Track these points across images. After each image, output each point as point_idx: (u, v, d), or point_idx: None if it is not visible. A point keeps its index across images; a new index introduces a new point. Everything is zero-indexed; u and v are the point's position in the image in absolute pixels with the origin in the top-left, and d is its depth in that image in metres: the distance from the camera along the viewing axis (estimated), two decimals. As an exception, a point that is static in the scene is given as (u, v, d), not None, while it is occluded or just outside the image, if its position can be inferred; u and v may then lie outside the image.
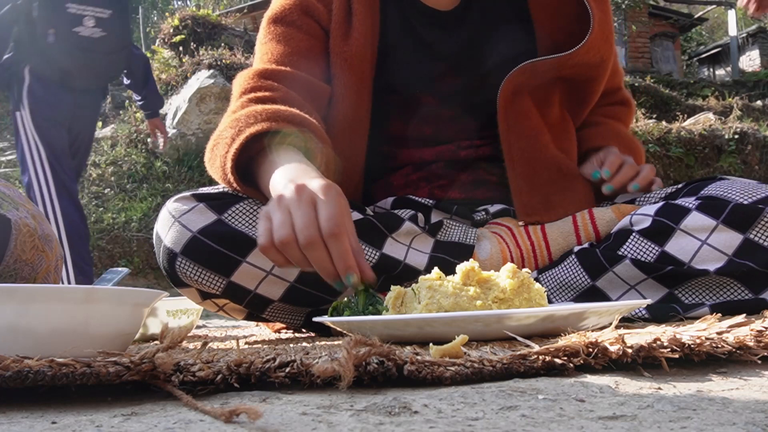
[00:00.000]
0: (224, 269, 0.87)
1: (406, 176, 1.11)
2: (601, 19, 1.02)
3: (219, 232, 0.86)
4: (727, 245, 0.84)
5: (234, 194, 0.91)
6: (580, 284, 0.93)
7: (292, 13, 1.06)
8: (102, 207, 4.82)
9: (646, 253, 0.89)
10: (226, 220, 0.87)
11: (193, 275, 0.87)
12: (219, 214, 0.88)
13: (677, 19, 12.05)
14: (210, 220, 0.87)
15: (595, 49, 1.02)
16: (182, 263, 0.87)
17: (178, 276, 0.88)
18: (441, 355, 0.51)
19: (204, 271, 0.87)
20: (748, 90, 9.40)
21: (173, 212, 0.88)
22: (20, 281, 0.99)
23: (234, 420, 0.37)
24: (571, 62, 1.02)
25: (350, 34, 1.04)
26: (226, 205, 0.88)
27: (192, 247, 0.86)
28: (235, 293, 0.89)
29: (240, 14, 8.10)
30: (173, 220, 0.88)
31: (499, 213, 1.05)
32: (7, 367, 0.43)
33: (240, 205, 0.89)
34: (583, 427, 0.35)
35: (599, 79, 1.09)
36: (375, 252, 0.92)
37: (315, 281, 0.90)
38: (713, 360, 0.51)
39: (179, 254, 0.86)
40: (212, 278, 0.87)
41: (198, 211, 0.88)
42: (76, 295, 0.56)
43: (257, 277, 0.88)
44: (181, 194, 0.91)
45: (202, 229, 0.86)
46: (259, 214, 0.88)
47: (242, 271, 0.87)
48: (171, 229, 0.87)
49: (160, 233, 0.89)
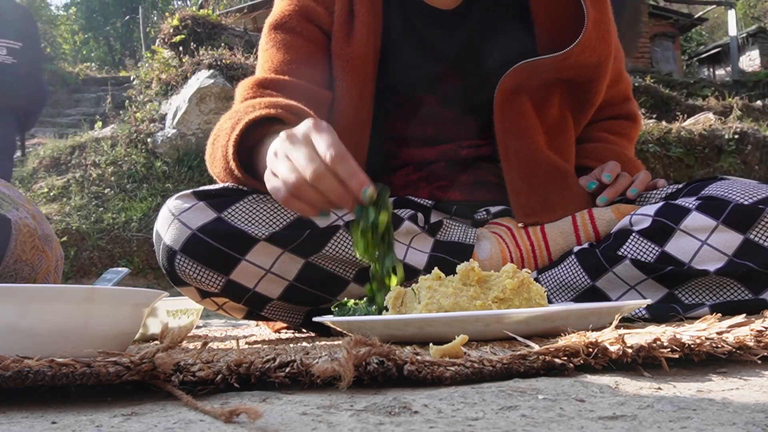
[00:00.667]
0: (223, 267, 0.87)
1: (407, 176, 1.11)
2: (597, 18, 1.01)
3: (218, 230, 0.86)
4: (728, 245, 0.84)
5: (235, 189, 0.91)
6: (579, 284, 0.93)
7: (292, 19, 1.06)
8: (102, 207, 4.82)
9: (646, 254, 0.89)
10: (226, 218, 0.87)
11: (192, 273, 0.87)
12: (219, 212, 0.88)
13: (677, 19, 12.04)
14: (210, 218, 0.87)
15: (590, 48, 1.01)
16: (181, 261, 0.87)
17: (177, 274, 0.88)
18: (441, 355, 0.51)
19: (203, 269, 0.87)
20: (748, 90, 9.40)
21: (173, 210, 0.88)
22: (20, 281, 0.99)
23: (234, 420, 0.37)
24: (568, 63, 1.01)
25: (352, 36, 1.04)
26: (226, 203, 0.88)
27: (191, 244, 0.86)
28: (234, 291, 0.89)
29: (240, 14, 8.09)
30: (173, 218, 0.88)
31: (499, 213, 1.05)
32: (7, 367, 0.43)
33: (240, 204, 0.89)
34: (583, 427, 0.35)
35: (599, 80, 1.08)
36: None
37: (314, 281, 0.90)
38: (713, 360, 0.51)
39: (178, 252, 0.86)
40: (211, 276, 0.87)
41: (198, 209, 0.88)
42: (76, 295, 0.56)
43: (256, 276, 0.88)
44: (182, 192, 0.91)
45: (202, 226, 0.86)
46: (259, 209, 0.88)
47: (241, 269, 0.87)
48: (170, 226, 0.88)
49: (160, 231, 0.89)
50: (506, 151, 1.04)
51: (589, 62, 1.03)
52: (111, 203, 4.88)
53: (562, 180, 1.04)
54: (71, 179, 5.15)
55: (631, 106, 1.25)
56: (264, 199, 0.90)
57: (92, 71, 9.65)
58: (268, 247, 0.87)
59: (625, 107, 1.24)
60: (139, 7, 9.28)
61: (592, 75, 1.06)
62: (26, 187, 5.02)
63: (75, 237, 4.39)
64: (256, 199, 0.90)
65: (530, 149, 1.04)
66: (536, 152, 1.04)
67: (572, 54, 1.00)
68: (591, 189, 1.05)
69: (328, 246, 0.89)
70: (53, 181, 5.16)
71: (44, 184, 5.10)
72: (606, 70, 1.08)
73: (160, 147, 5.34)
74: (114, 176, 5.19)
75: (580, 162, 1.15)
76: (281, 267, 0.88)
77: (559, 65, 1.01)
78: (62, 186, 5.08)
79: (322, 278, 0.90)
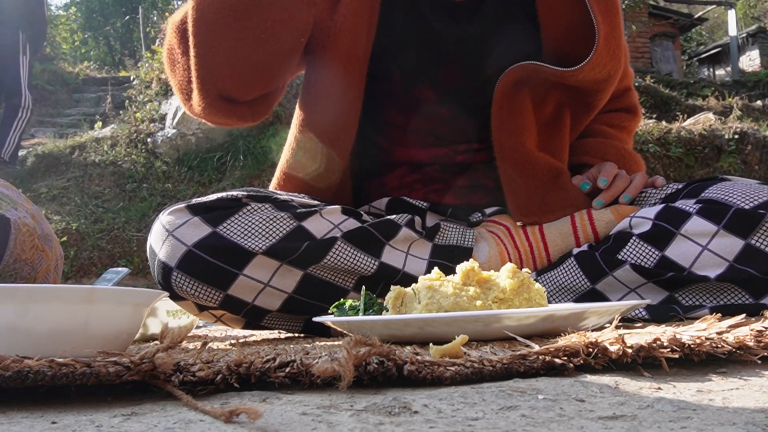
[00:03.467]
0: (221, 282, 0.86)
1: (401, 177, 1.10)
2: (608, 33, 0.98)
3: (214, 245, 0.85)
4: (728, 251, 0.83)
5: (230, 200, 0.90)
6: (579, 287, 0.92)
7: None
8: (102, 207, 4.81)
9: (646, 258, 0.88)
10: (222, 232, 0.86)
11: (189, 289, 0.86)
12: (214, 226, 0.86)
13: (677, 19, 12.04)
14: (205, 233, 0.85)
15: (600, 65, 0.99)
16: (178, 278, 0.85)
17: (174, 290, 0.87)
18: (441, 355, 0.51)
19: (200, 285, 0.86)
20: (748, 90, 9.39)
21: (167, 226, 0.87)
22: (20, 281, 0.99)
23: (234, 420, 0.37)
24: (575, 78, 0.99)
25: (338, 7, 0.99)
26: (221, 217, 0.87)
27: (187, 261, 0.85)
28: (232, 305, 0.88)
29: (240, 14, 8.07)
30: (167, 234, 0.86)
31: (495, 213, 1.04)
32: (7, 367, 0.43)
33: (235, 217, 0.87)
34: (583, 427, 0.35)
35: (606, 90, 1.06)
36: (374, 261, 0.90)
37: (313, 292, 0.89)
38: (713, 360, 0.51)
39: (174, 269, 0.85)
40: (209, 292, 0.86)
41: (192, 224, 0.86)
42: (76, 295, 0.56)
43: (255, 290, 0.87)
44: (175, 206, 0.89)
45: (197, 242, 0.85)
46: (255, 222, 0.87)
47: (239, 283, 0.86)
48: (165, 243, 0.86)
49: (154, 247, 0.88)
50: (501, 150, 1.02)
51: (597, 78, 1.01)
52: (111, 203, 4.88)
53: (557, 179, 1.03)
54: (71, 179, 5.14)
55: (631, 97, 1.24)
56: (259, 210, 0.88)
57: (92, 71, 9.64)
58: (266, 261, 0.86)
59: (626, 99, 1.23)
60: (139, 7, 9.28)
61: (599, 87, 1.05)
62: (26, 187, 5.01)
63: (75, 237, 4.39)
64: (251, 210, 0.88)
65: (525, 147, 1.02)
66: (530, 152, 1.03)
67: (581, 71, 0.98)
68: (585, 189, 1.04)
69: (327, 257, 0.88)
70: (53, 181, 5.16)
71: (44, 184, 5.10)
72: (614, 82, 1.06)
73: (160, 147, 5.34)
74: (114, 176, 5.19)
75: (579, 159, 1.14)
76: (280, 280, 0.87)
77: (565, 76, 0.99)
78: (62, 186, 5.08)
79: (321, 289, 0.89)
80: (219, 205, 0.89)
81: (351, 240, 0.90)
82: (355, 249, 0.90)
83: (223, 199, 0.90)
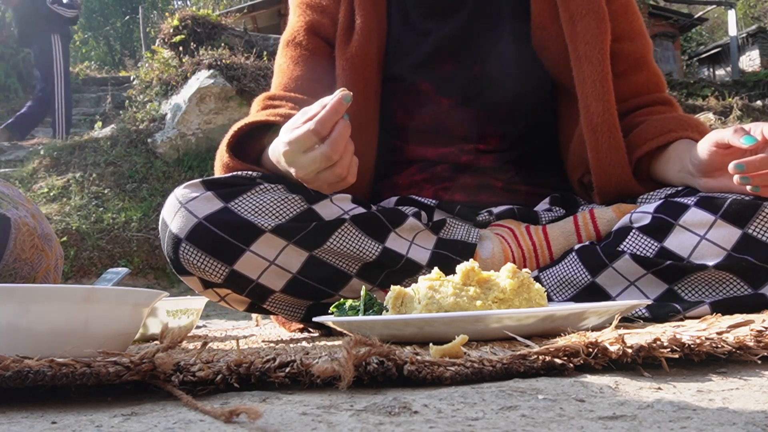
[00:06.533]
0: (227, 257, 0.87)
1: (411, 176, 1.13)
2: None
3: (224, 219, 0.87)
4: (726, 240, 0.84)
5: (244, 178, 0.92)
6: (580, 281, 0.93)
7: (300, 34, 1.15)
8: (102, 207, 4.81)
9: (645, 249, 0.89)
10: (233, 208, 0.88)
11: (196, 262, 0.87)
12: (226, 202, 0.88)
13: (677, 19, 12.04)
14: (216, 207, 0.87)
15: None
16: (186, 249, 0.87)
17: (181, 263, 0.88)
18: (441, 355, 0.51)
19: (207, 258, 0.87)
20: (748, 90, 9.39)
21: (180, 198, 0.89)
22: (20, 280, 0.99)
23: (234, 420, 0.37)
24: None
25: (352, 37, 1.09)
26: (233, 193, 0.89)
27: (197, 233, 0.86)
28: (237, 282, 0.90)
29: (240, 14, 8.09)
30: (180, 206, 0.88)
31: (502, 214, 1.05)
32: (7, 367, 0.43)
33: (248, 194, 0.89)
34: (583, 427, 0.35)
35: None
36: (378, 245, 0.92)
37: (317, 275, 0.91)
38: (713, 360, 0.51)
39: (183, 240, 0.87)
40: (215, 266, 0.88)
41: (205, 198, 0.88)
42: (76, 295, 0.56)
43: (260, 267, 0.89)
44: (191, 181, 0.92)
45: (208, 216, 0.87)
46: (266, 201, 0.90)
47: (245, 259, 0.87)
48: (177, 215, 0.88)
49: (166, 219, 0.90)
50: (588, 113, 1.01)
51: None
52: (111, 203, 4.87)
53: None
54: (71, 179, 5.14)
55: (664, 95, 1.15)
56: (272, 190, 0.91)
57: (92, 71, 9.64)
58: (273, 239, 0.88)
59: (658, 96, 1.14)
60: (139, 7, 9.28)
61: None
62: (26, 187, 5.01)
63: (75, 237, 4.39)
64: (263, 189, 0.90)
65: (612, 114, 1.00)
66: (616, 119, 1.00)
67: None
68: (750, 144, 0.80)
69: (332, 238, 0.89)
70: (53, 181, 5.16)
71: (44, 184, 5.10)
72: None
73: (160, 147, 5.34)
74: (114, 176, 5.18)
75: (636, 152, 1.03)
76: (285, 259, 0.89)
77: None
78: (62, 186, 5.08)
79: (325, 272, 0.91)
80: (233, 182, 0.91)
81: (358, 223, 0.91)
82: (361, 232, 0.91)
83: (238, 176, 0.93)
